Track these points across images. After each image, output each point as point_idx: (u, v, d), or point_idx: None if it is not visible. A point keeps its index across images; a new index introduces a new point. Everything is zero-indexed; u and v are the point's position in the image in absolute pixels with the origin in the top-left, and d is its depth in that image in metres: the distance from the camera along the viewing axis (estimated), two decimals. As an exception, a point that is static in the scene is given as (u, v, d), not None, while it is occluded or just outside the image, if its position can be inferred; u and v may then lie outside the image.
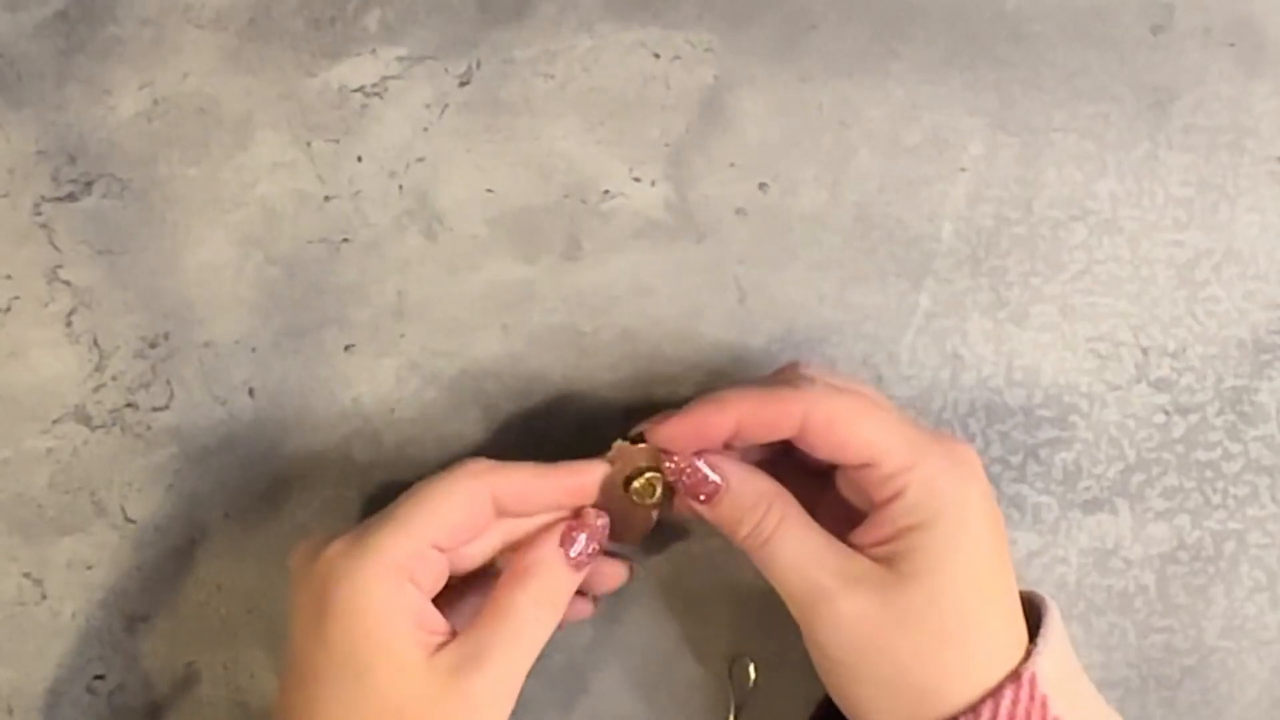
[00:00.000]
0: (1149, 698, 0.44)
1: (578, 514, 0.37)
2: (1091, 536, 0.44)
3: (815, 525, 0.37)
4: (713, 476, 0.37)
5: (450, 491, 0.35)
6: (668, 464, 0.37)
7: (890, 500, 0.35)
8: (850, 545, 0.36)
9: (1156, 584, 0.44)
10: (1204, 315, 0.44)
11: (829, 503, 0.38)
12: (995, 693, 0.34)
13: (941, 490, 0.35)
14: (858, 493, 0.37)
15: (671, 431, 0.36)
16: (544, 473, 0.37)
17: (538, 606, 0.36)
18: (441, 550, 0.36)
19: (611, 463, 0.37)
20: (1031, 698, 0.34)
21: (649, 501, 0.37)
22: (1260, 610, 0.44)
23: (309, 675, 0.34)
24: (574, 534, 0.37)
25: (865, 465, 0.35)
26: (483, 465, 0.36)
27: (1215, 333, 0.44)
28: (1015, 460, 0.44)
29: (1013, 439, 0.44)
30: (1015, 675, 0.34)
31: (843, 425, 0.35)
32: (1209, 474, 0.44)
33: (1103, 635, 0.44)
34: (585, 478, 0.37)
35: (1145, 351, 0.44)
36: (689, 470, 0.37)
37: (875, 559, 0.36)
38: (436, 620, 0.35)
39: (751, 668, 0.43)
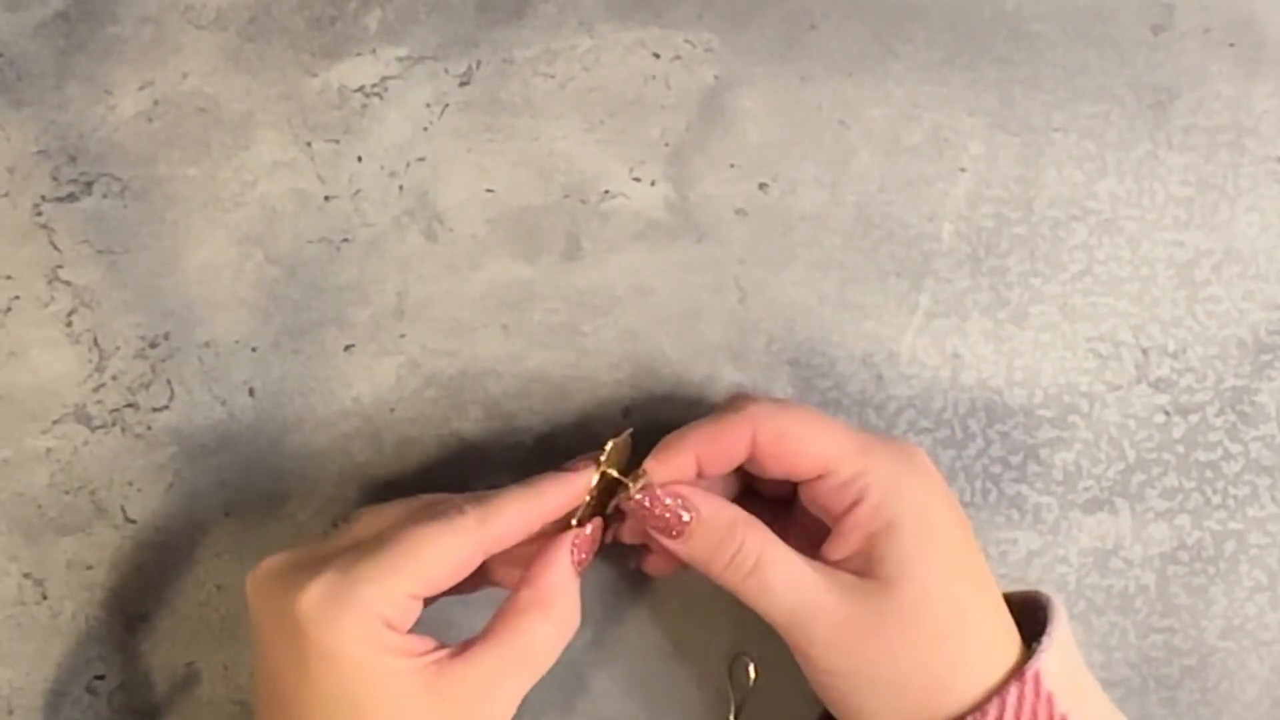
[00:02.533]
0: (1149, 698, 0.44)
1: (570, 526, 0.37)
2: (1092, 536, 0.44)
3: (789, 547, 0.36)
4: (681, 510, 0.36)
5: (437, 548, 0.34)
6: (632, 500, 0.36)
7: (852, 508, 0.35)
8: (825, 556, 0.36)
9: (1157, 584, 0.44)
10: (1204, 315, 0.44)
11: (790, 532, 0.38)
12: (1000, 690, 0.34)
13: (900, 489, 0.35)
14: (819, 508, 0.37)
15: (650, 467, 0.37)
16: (529, 506, 0.36)
17: (558, 632, 0.35)
18: (418, 599, 0.35)
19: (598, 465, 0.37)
20: (1037, 694, 0.34)
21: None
22: (1260, 610, 0.44)
23: (295, 710, 0.33)
24: (581, 552, 0.36)
25: (820, 476, 0.36)
26: (472, 521, 0.35)
27: (1215, 333, 0.44)
28: (1015, 460, 0.44)
29: (1013, 439, 0.44)
30: (1019, 672, 0.34)
31: (792, 438, 0.36)
32: (1209, 474, 0.44)
33: (1103, 635, 0.44)
34: (569, 494, 0.36)
35: (1145, 351, 0.44)
36: (655, 503, 0.36)
37: (853, 571, 0.36)
38: (419, 643, 0.35)
39: (751, 668, 0.43)
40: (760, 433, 0.36)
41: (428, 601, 0.35)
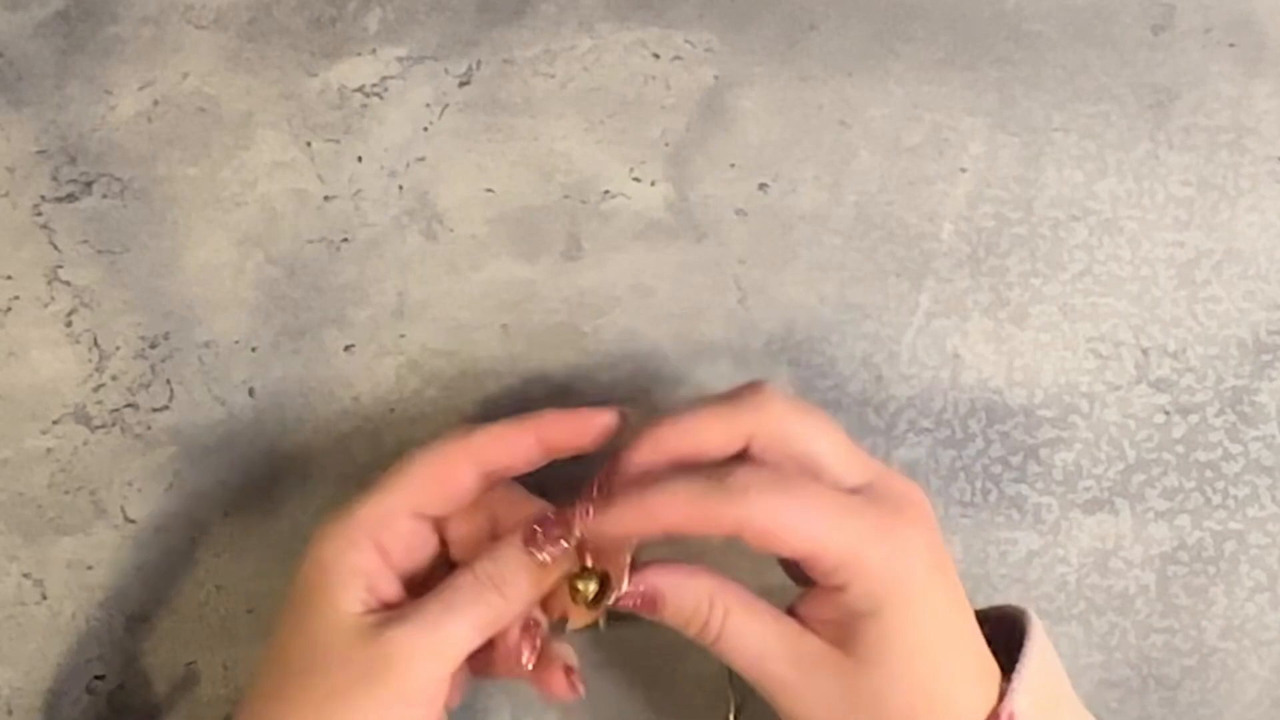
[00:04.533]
0: (1149, 698, 0.44)
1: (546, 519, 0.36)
2: (1092, 536, 0.44)
3: (764, 610, 0.36)
4: (649, 590, 0.36)
5: (430, 459, 0.36)
6: (612, 591, 0.36)
7: (834, 590, 0.35)
8: (801, 610, 0.36)
9: (1157, 584, 0.44)
10: (1204, 315, 0.44)
11: None
12: None
13: (884, 581, 0.34)
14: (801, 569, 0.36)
15: (603, 529, 0.35)
16: (525, 428, 0.36)
17: (478, 582, 0.35)
18: (423, 518, 0.36)
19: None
20: None
21: (589, 602, 0.36)
22: (1260, 610, 0.44)
23: (273, 624, 0.36)
24: (538, 531, 0.36)
25: (805, 560, 0.35)
26: (459, 433, 0.36)
27: (1215, 333, 0.44)
28: (1015, 460, 0.44)
29: (1013, 439, 0.44)
30: (992, 717, 0.34)
31: (780, 532, 0.34)
32: (1209, 474, 0.44)
33: (1103, 635, 0.44)
34: (569, 428, 0.36)
35: (1145, 351, 0.44)
36: (628, 594, 0.36)
37: (827, 639, 0.35)
38: (390, 588, 0.35)
39: (751, 668, 0.43)
40: (747, 526, 0.34)
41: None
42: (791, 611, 0.36)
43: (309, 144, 0.43)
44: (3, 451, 0.42)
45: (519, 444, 0.36)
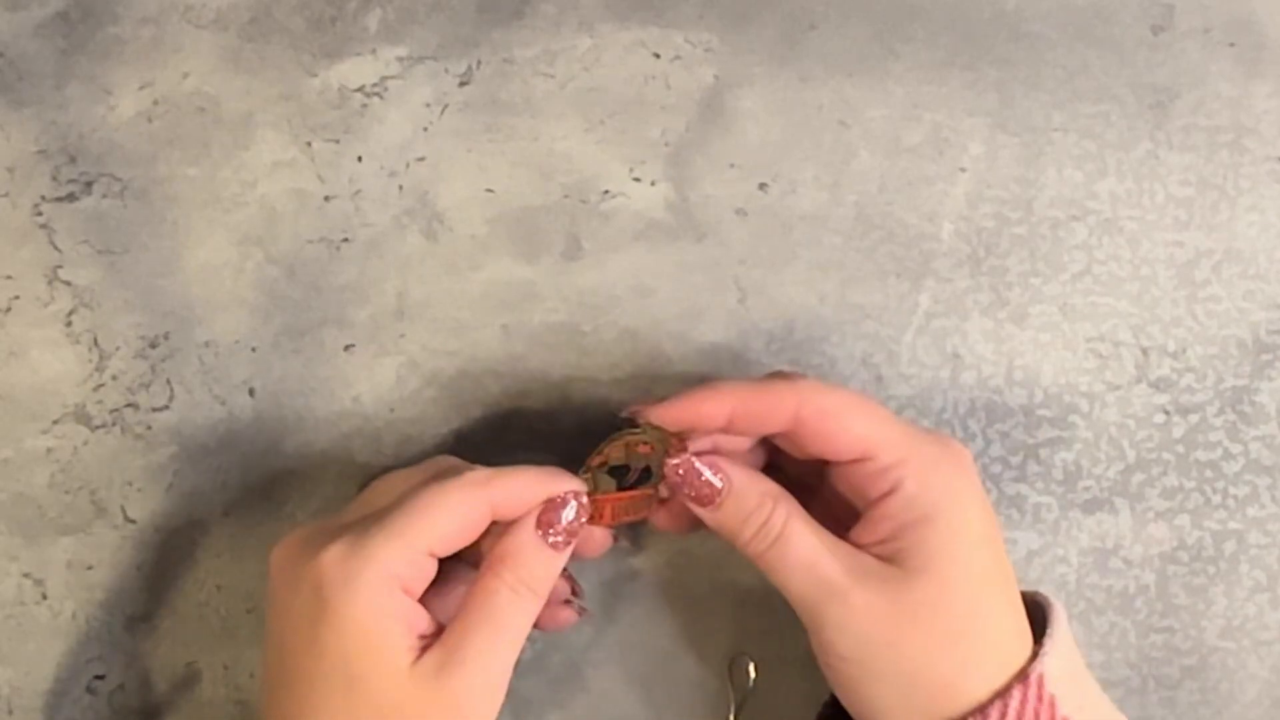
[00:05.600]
0: (1149, 698, 0.44)
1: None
2: (1091, 536, 0.44)
3: (819, 525, 0.36)
4: (715, 479, 0.37)
5: (448, 502, 0.35)
6: (668, 463, 0.37)
7: (886, 495, 0.35)
8: (852, 539, 0.36)
9: (1156, 584, 0.44)
10: (1204, 315, 0.44)
11: (818, 510, 0.38)
12: (1004, 693, 0.34)
13: (937, 483, 0.35)
14: (852, 490, 0.37)
15: (666, 412, 0.36)
16: (542, 478, 0.36)
17: (515, 594, 0.35)
18: (434, 556, 0.35)
19: (604, 455, 0.37)
20: (1040, 698, 0.34)
21: (638, 487, 0.37)
22: (1260, 610, 0.44)
23: (300, 680, 0.34)
24: (549, 515, 0.36)
25: (859, 460, 0.35)
26: (481, 475, 0.36)
27: (1215, 333, 0.44)
28: (1015, 460, 0.44)
29: (1013, 439, 0.44)
30: (1023, 675, 0.34)
31: (835, 418, 0.35)
32: (1209, 474, 0.44)
33: (1103, 635, 0.44)
34: (578, 480, 0.37)
35: (1145, 351, 0.44)
36: (690, 472, 0.36)
37: (879, 556, 0.35)
38: (424, 620, 0.35)
39: (751, 668, 0.43)
40: (804, 408, 0.35)
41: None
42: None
43: (309, 144, 0.43)
44: (3, 451, 0.42)
45: (534, 495, 0.36)
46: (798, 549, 0.36)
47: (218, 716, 0.42)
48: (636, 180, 0.44)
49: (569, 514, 0.36)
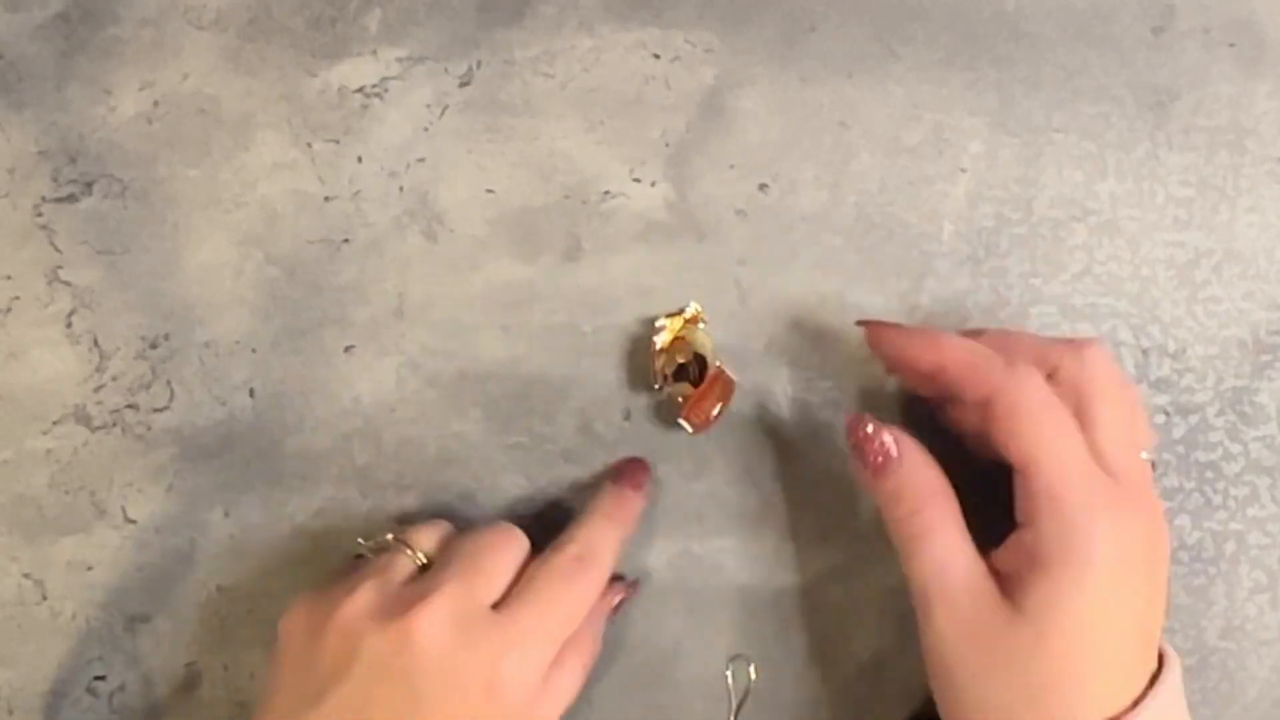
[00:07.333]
0: (1149, 698, 0.44)
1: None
2: (1092, 537, 0.44)
3: (966, 535, 0.36)
4: (893, 449, 0.37)
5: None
6: (850, 418, 0.38)
7: (1025, 523, 0.35)
8: (992, 559, 0.36)
9: (1157, 584, 0.44)
10: (1204, 315, 0.44)
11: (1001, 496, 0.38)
12: None
13: (1070, 535, 0.34)
14: (1018, 503, 0.37)
15: (886, 333, 0.38)
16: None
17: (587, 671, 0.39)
18: None
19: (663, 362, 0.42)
20: None
21: (704, 377, 0.41)
22: (1260, 610, 0.44)
23: None
24: (618, 602, 0.41)
25: (1020, 470, 0.35)
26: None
27: (1215, 333, 0.44)
28: (1015, 460, 0.44)
29: (1013, 439, 0.44)
30: None
31: (1018, 423, 0.35)
32: (1209, 474, 0.44)
33: (1103, 635, 0.44)
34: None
35: (1145, 352, 0.44)
36: (872, 435, 0.37)
37: (1003, 585, 0.35)
38: None
39: (751, 668, 0.43)
40: (998, 398, 0.35)
41: None
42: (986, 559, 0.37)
43: (309, 144, 0.43)
44: (3, 452, 0.42)
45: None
46: (934, 553, 0.36)
47: (218, 717, 0.42)
48: (636, 180, 0.44)
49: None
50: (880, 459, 0.37)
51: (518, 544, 0.38)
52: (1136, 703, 0.35)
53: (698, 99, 0.44)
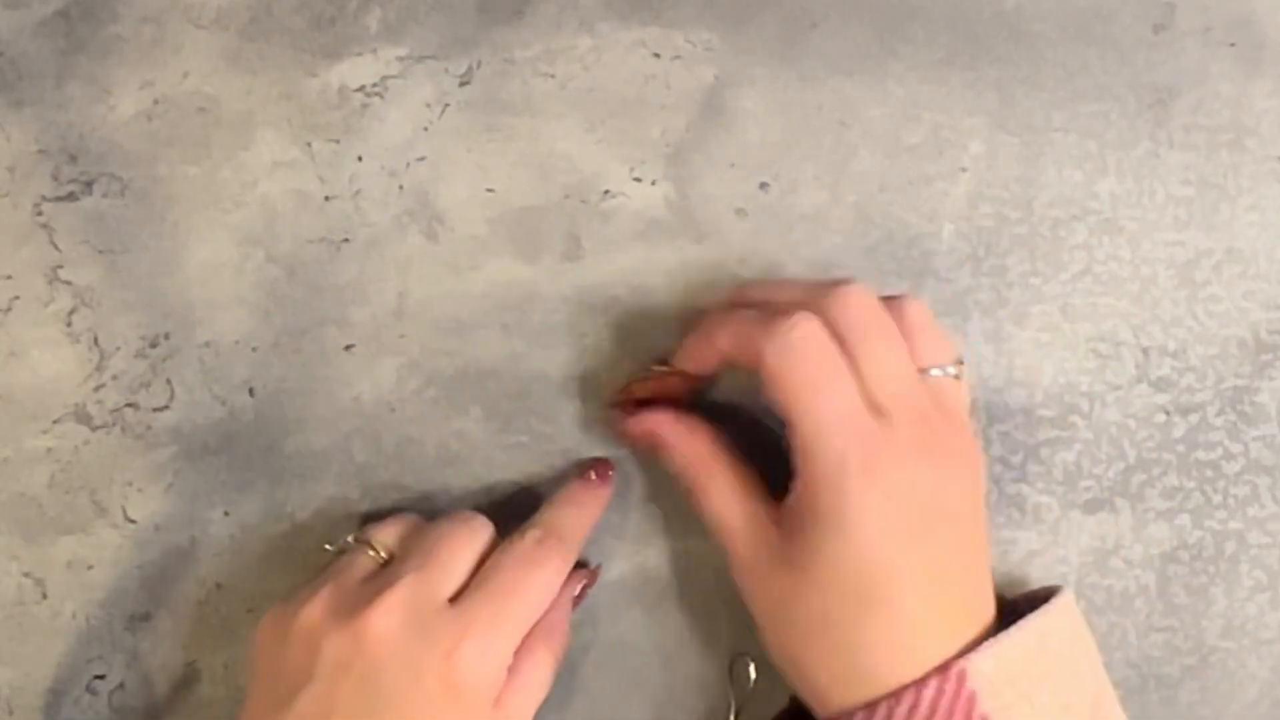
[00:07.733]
0: (1149, 698, 0.44)
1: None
2: (1092, 536, 0.44)
3: (744, 488, 0.38)
4: (658, 433, 0.40)
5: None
6: (622, 435, 0.41)
7: (794, 474, 0.36)
8: (781, 512, 0.37)
9: (1157, 584, 0.44)
10: (1204, 315, 0.44)
11: None
12: (920, 680, 0.34)
13: (821, 492, 0.35)
14: None
15: (682, 354, 0.40)
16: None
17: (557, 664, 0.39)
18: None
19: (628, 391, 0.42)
20: (958, 692, 0.34)
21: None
22: (1260, 610, 0.44)
23: None
24: (580, 589, 0.41)
25: (789, 423, 0.36)
26: (559, 562, 0.39)
27: (1215, 333, 0.44)
28: (1015, 460, 0.44)
29: (1013, 439, 0.44)
30: (943, 667, 0.34)
31: (774, 381, 0.36)
32: (1209, 474, 0.44)
33: (1103, 635, 0.44)
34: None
35: (1145, 351, 0.44)
36: (631, 432, 0.40)
37: (784, 531, 0.36)
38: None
39: (751, 668, 0.43)
40: (765, 362, 0.36)
41: None
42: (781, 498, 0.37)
43: (309, 144, 0.43)
44: (3, 451, 0.42)
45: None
46: (711, 505, 0.38)
47: (218, 716, 0.42)
48: (636, 180, 0.44)
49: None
50: (651, 444, 0.40)
51: (478, 533, 0.38)
52: (963, 654, 0.34)
53: (698, 98, 0.44)
